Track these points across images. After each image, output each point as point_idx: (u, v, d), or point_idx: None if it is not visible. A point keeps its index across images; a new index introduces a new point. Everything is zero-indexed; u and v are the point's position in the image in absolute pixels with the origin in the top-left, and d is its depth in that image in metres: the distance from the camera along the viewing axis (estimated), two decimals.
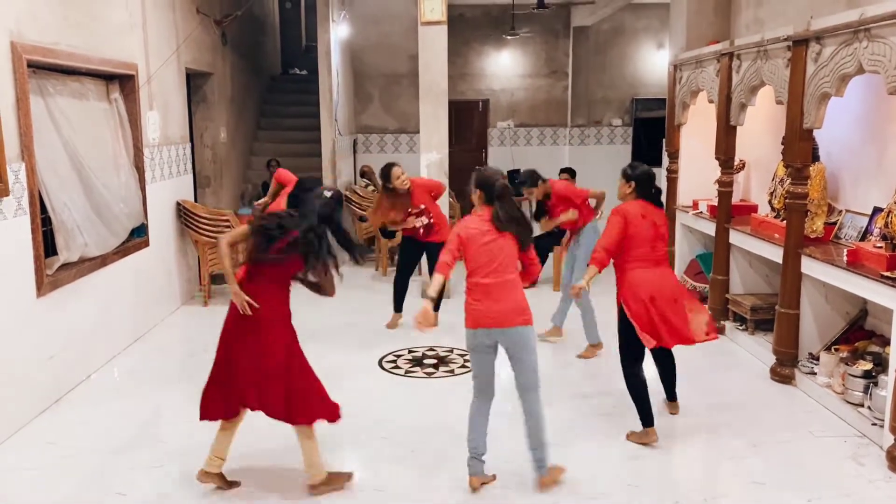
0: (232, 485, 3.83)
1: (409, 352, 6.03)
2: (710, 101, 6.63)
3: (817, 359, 5.13)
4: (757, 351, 5.83)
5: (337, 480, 3.83)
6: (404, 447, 4.32)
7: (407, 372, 5.61)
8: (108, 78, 6.00)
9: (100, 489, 3.86)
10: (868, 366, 4.64)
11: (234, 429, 3.80)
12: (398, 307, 6.80)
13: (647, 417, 4.31)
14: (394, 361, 5.82)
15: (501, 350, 3.76)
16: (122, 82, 6.14)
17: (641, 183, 4.44)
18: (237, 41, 9.78)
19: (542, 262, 7.98)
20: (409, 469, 4.08)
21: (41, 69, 5.02)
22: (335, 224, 3.75)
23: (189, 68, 7.78)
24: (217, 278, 7.93)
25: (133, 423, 4.71)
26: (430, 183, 6.85)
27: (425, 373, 5.58)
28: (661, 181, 7.99)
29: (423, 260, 6.87)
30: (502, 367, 3.83)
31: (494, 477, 3.88)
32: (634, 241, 4.32)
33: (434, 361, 5.81)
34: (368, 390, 5.25)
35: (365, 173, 10.99)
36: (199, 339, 6.49)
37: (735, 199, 6.66)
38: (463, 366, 5.67)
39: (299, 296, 3.84)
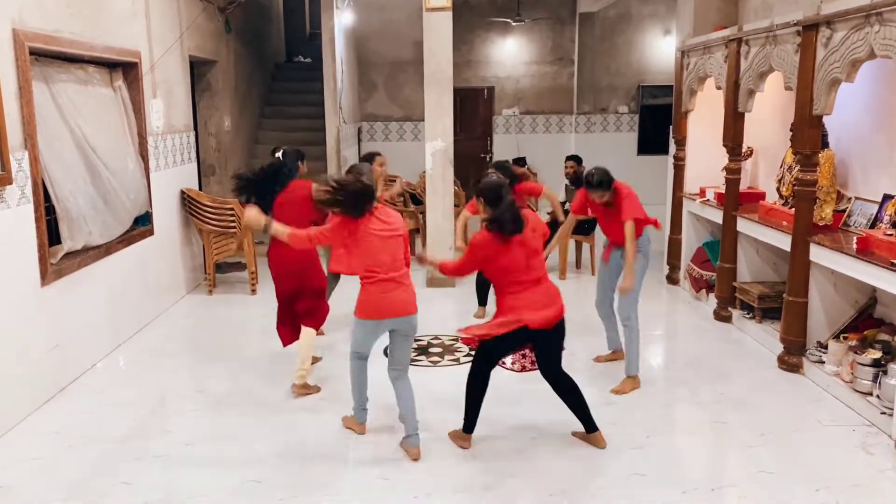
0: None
1: (415, 341, 6.00)
2: (718, 88, 6.56)
3: (825, 347, 5.09)
4: (764, 339, 5.80)
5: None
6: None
7: (412, 361, 5.58)
8: (111, 66, 5.97)
9: (105, 478, 3.85)
10: (877, 354, 4.61)
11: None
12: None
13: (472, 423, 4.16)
14: None
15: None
16: (125, 70, 6.11)
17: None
18: (241, 29, 9.73)
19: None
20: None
21: (45, 57, 4.99)
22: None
23: (192, 56, 7.73)
24: (221, 267, 7.94)
25: (138, 411, 4.70)
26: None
27: (430, 361, 5.56)
28: (669, 169, 7.94)
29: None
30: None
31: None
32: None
33: (440, 350, 5.79)
34: (373, 379, 5.22)
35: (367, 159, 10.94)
36: (204, 328, 6.50)
37: (743, 187, 6.62)
38: (468, 354, 5.65)
39: None
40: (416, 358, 5.63)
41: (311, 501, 3.65)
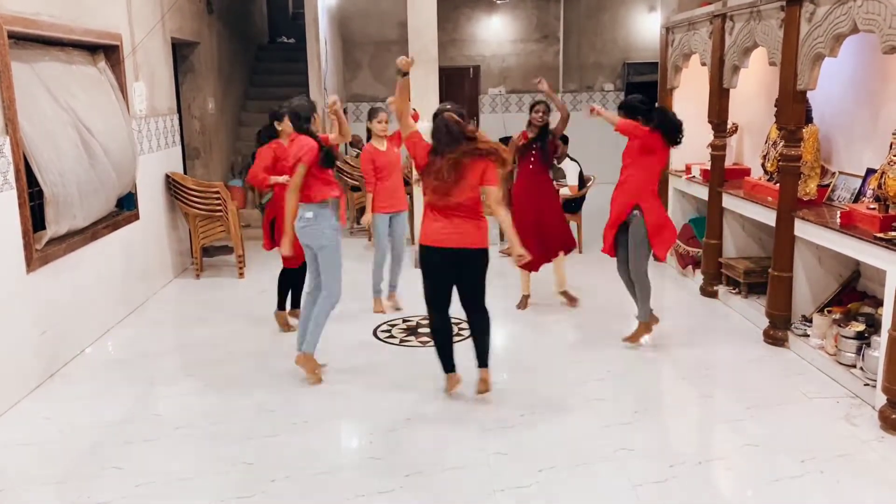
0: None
1: (404, 321, 6.02)
2: (703, 64, 6.56)
3: (810, 321, 5.15)
4: (750, 314, 5.85)
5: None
6: (400, 417, 4.33)
7: (402, 341, 5.61)
8: (92, 49, 5.90)
9: (97, 463, 3.86)
10: (861, 327, 4.66)
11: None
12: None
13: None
14: (388, 331, 5.81)
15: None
16: (107, 53, 6.04)
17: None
18: (223, 9, 9.62)
19: None
20: (405, 438, 4.09)
21: (24, 41, 4.92)
22: None
23: (175, 38, 7.65)
24: (208, 251, 7.91)
25: (128, 396, 4.70)
26: None
27: (420, 342, 5.58)
28: None
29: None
30: None
31: None
32: None
33: (429, 330, 5.79)
34: (364, 360, 5.25)
35: (354, 143, 10.90)
36: (192, 312, 6.49)
37: (728, 163, 6.64)
38: (458, 334, 5.66)
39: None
40: (406, 338, 5.65)
41: (300, 483, 3.67)
